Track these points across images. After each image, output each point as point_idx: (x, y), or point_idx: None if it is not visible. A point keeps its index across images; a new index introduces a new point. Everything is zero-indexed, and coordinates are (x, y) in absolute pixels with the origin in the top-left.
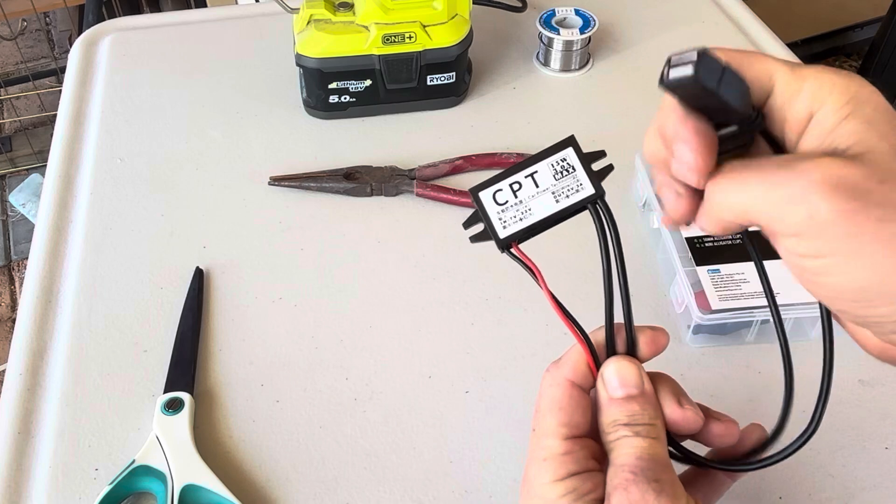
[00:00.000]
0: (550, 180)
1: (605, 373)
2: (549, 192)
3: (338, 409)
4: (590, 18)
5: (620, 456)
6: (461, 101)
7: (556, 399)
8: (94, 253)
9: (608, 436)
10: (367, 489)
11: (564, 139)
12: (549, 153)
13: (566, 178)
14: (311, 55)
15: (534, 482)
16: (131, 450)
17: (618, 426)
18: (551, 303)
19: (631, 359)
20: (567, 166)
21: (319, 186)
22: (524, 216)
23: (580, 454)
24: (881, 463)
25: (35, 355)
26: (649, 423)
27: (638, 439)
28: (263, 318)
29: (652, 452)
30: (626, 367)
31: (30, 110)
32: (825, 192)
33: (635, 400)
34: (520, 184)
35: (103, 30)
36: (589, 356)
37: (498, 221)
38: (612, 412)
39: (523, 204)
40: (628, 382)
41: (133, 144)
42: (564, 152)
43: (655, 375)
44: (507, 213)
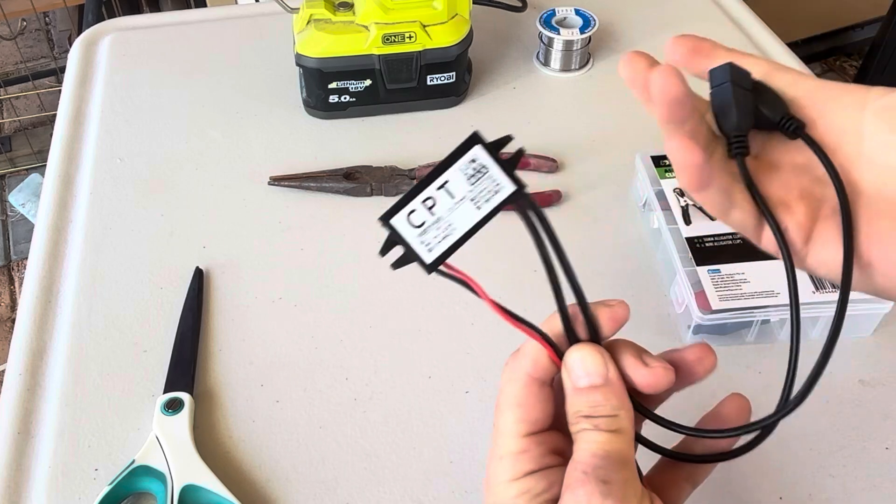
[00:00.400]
0: (466, 187)
1: (569, 361)
2: (468, 199)
3: (338, 409)
4: (590, 18)
5: (578, 451)
6: (461, 101)
7: (514, 395)
8: (93, 253)
9: (572, 427)
10: (366, 489)
11: (467, 138)
12: (455, 157)
13: (482, 180)
14: (311, 55)
15: (492, 480)
16: (131, 450)
17: (580, 418)
18: (494, 310)
19: (594, 345)
20: (479, 167)
21: (319, 186)
22: (447, 233)
23: (537, 451)
24: (881, 463)
25: (35, 355)
26: (610, 415)
27: (596, 433)
28: (263, 318)
29: (609, 448)
30: (589, 354)
31: (29, 110)
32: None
33: (598, 389)
34: (433, 199)
35: (103, 30)
36: (549, 349)
37: (420, 246)
38: (575, 402)
39: (443, 220)
40: (591, 371)
41: (133, 144)
42: (472, 152)
43: (614, 344)
44: (427, 234)
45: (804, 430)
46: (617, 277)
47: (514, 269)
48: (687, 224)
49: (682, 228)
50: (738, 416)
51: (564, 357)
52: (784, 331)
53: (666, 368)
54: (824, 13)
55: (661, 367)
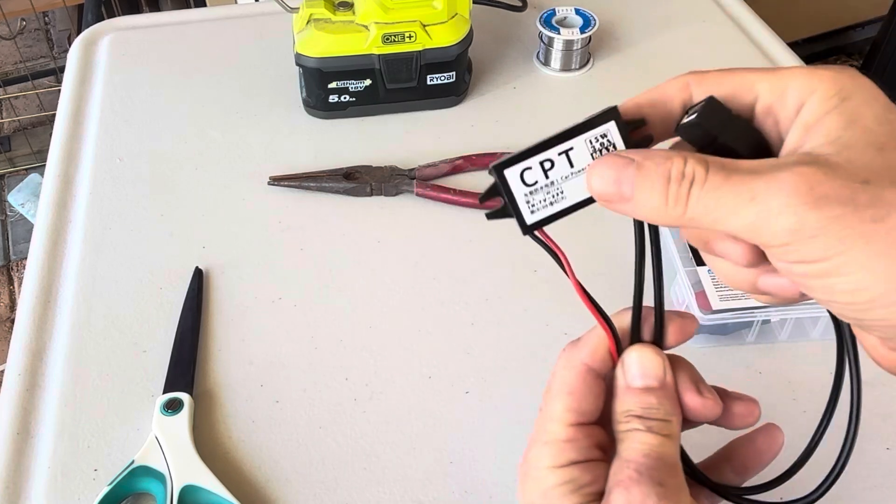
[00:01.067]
0: (587, 159)
1: (627, 359)
2: (586, 173)
3: (337, 409)
4: (590, 18)
5: (628, 450)
6: (461, 101)
7: (568, 382)
8: (93, 253)
9: (619, 425)
10: (366, 490)
11: (606, 110)
12: (587, 127)
13: None
14: (311, 55)
15: (532, 464)
16: (130, 450)
17: (630, 417)
18: (577, 289)
19: (655, 348)
20: (607, 144)
21: (319, 186)
22: (556, 200)
23: (584, 443)
24: (882, 464)
25: (34, 355)
26: (664, 419)
27: (649, 435)
28: (263, 319)
29: (661, 451)
30: (650, 356)
31: (29, 110)
32: (809, 202)
33: (653, 392)
34: (552, 162)
35: (102, 29)
36: (611, 340)
37: (525, 205)
38: (627, 401)
39: (555, 186)
40: (649, 373)
41: (132, 144)
42: (605, 127)
43: (674, 360)
44: (536, 195)
45: (804, 431)
46: (617, 277)
47: (514, 270)
48: None
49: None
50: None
51: (623, 354)
52: (784, 330)
53: (717, 403)
54: (825, 13)
55: (713, 400)
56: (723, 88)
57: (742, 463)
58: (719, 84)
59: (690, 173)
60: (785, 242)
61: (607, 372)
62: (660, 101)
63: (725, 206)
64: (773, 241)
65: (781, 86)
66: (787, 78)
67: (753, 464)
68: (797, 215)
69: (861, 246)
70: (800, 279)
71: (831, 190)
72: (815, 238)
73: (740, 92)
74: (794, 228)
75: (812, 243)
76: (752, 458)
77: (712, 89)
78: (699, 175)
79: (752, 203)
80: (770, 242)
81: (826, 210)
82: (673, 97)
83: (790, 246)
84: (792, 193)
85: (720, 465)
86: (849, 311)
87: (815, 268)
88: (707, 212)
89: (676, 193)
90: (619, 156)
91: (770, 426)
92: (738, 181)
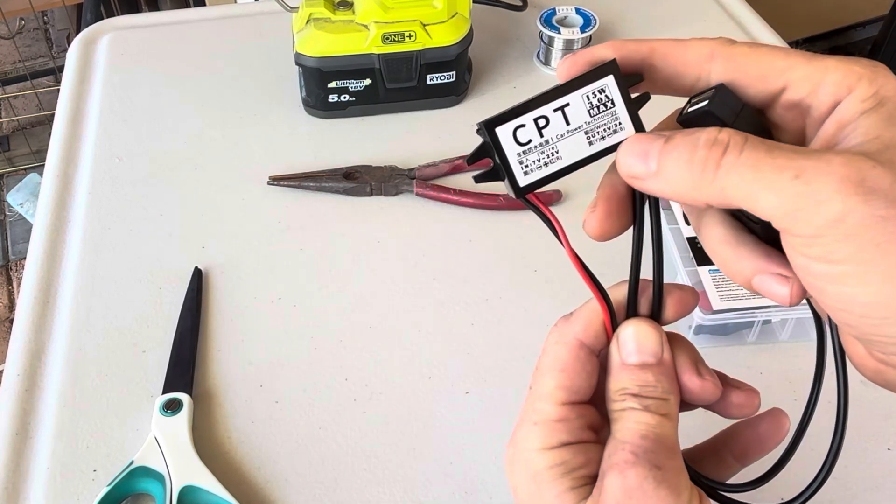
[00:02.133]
0: (584, 116)
1: (622, 334)
2: (583, 131)
3: (337, 409)
4: (590, 17)
5: (623, 430)
6: (461, 101)
7: (560, 358)
8: (92, 253)
9: (614, 404)
10: (366, 490)
11: (605, 64)
12: (584, 81)
13: (603, 115)
14: (311, 54)
15: (521, 445)
16: (130, 451)
17: (626, 395)
18: (570, 256)
19: (653, 322)
20: (605, 100)
21: (319, 186)
22: (550, 160)
23: (576, 423)
24: (883, 464)
25: (33, 356)
26: (661, 398)
27: (646, 414)
28: (262, 319)
29: (659, 432)
30: (646, 331)
31: (28, 109)
32: (860, 194)
33: (650, 369)
34: (547, 119)
35: (102, 29)
36: (606, 314)
37: (518, 166)
38: (622, 379)
39: (550, 145)
40: (646, 349)
41: (131, 144)
42: (603, 81)
43: (673, 338)
44: (529, 155)
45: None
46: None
47: (514, 270)
48: (688, 224)
49: (682, 228)
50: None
51: (618, 328)
52: (785, 331)
53: (716, 386)
54: (826, 12)
55: (712, 382)
56: (749, 69)
57: (743, 448)
58: (747, 63)
59: (725, 140)
60: (816, 234)
61: (601, 348)
62: (674, 61)
63: (763, 179)
64: (803, 230)
65: (817, 79)
66: (824, 71)
67: (755, 450)
68: (844, 204)
69: (893, 256)
70: (814, 279)
71: (881, 184)
72: (851, 237)
73: (768, 76)
74: (835, 219)
75: (846, 242)
76: (754, 444)
77: (738, 67)
78: (735, 143)
79: (794, 181)
80: (800, 230)
81: (875, 206)
82: (690, 63)
83: (821, 239)
84: (844, 179)
85: (719, 449)
86: (856, 322)
87: (837, 270)
88: (740, 183)
89: (705, 159)
90: (651, 133)
91: (776, 411)
92: (782, 155)
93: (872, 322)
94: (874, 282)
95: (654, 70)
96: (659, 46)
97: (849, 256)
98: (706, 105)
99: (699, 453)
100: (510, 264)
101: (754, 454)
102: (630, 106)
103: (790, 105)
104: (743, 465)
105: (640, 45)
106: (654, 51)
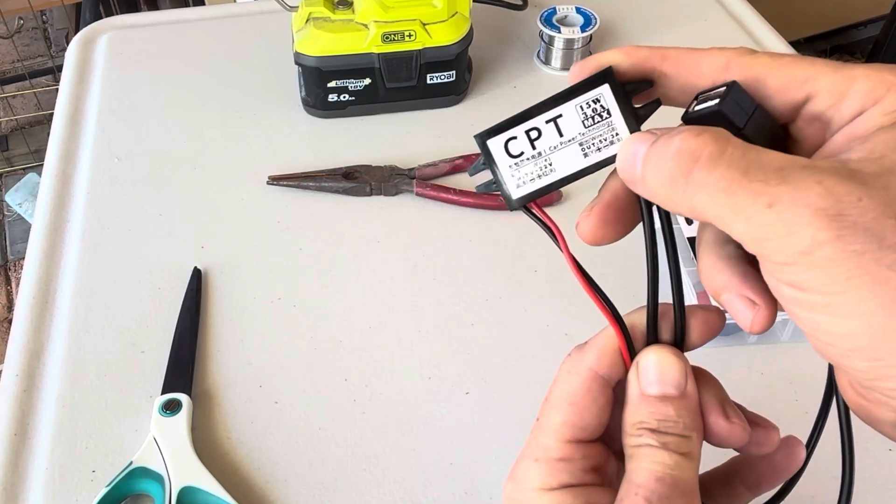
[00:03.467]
0: (578, 128)
1: (642, 362)
2: (577, 143)
3: (337, 410)
4: (591, 16)
5: (638, 471)
6: (461, 100)
7: (570, 391)
8: (91, 253)
9: (629, 439)
10: (366, 491)
11: (600, 73)
12: (579, 91)
13: (598, 126)
14: (310, 53)
15: (520, 484)
16: (129, 451)
17: (644, 430)
18: (574, 271)
19: (676, 351)
20: (600, 110)
21: (318, 186)
22: (543, 173)
23: (580, 464)
24: (885, 465)
25: (32, 356)
26: (682, 435)
27: (663, 453)
28: (262, 319)
29: (676, 475)
30: (669, 360)
31: (26, 109)
32: (833, 229)
33: (671, 402)
34: (539, 131)
35: (100, 28)
36: (621, 338)
37: (510, 178)
38: (640, 411)
39: (542, 157)
40: (668, 379)
41: (130, 143)
42: (598, 91)
43: (699, 374)
44: (522, 168)
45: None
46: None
47: (514, 270)
48: (689, 224)
49: (683, 228)
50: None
51: (638, 356)
52: (786, 331)
53: (745, 430)
54: (827, 11)
55: (741, 426)
56: (770, 79)
57: (756, 479)
58: (766, 73)
59: (697, 151)
60: (788, 262)
61: (618, 379)
62: (687, 71)
63: (733, 205)
64: (774, 257)
65: (842, 88)
66: (850, 80)
67: (769, 480)
68: (814, 239)
69: (865, 292)
70: (786, 303)
71: (860, 218)
72: (821, 268)
73: (790, 87)
74: (804, 251)
75: (816, 272)
76: (768, 474)
77: (757, 77)
78: (709, 155)
79: (766, 211)
80: (771, 257)
81: (848, 242)
82: (705, 73)
83: (792, 267)
84: (819, 212)
85: (731, 478)
86: (826, 350)
87: (806, 298)
88: (709, 204)
89: (673, 171)
90: (644, 132)
91: (790, 440)
92: (759, 177)
93: (838, 352)
94: (842, 314)
95: (665, 78)
96: (672, 54)
97: (818, 287)
98: (716, 105)
99: (709, 482)
100: (510, 264)
101: (767, 485)
102: (629, 115)
103: (811, 118)
104: (755, 496)
105: (652, 52)
106: (667, 58)
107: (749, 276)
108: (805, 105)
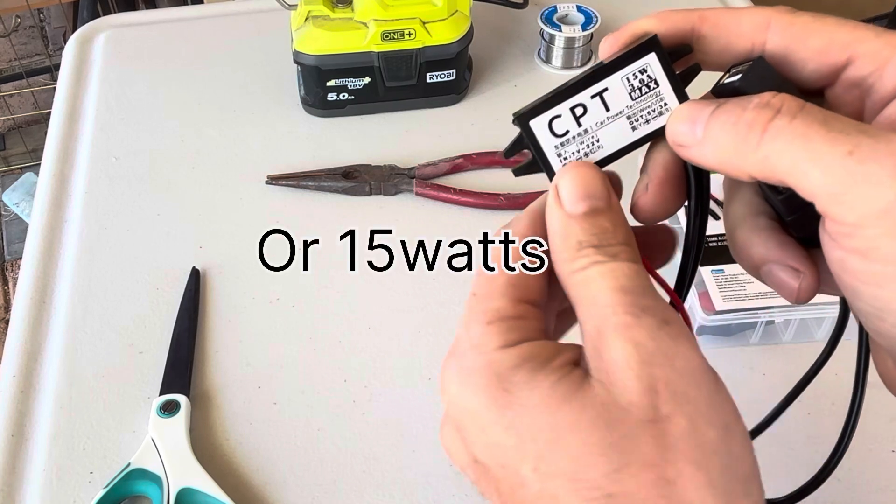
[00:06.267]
0: (626, 100)
1: (560, 184)
2: (624, 116)
3: (336, 411)
4: (592, 15)
5: (594, 294)
6: (461, 99)
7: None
8: (88, 253)
9: (571, 264)
10: (366, 492)
11: (645, 42)
12: (624, 62)
13: (646, 97)
14: (309, 52)
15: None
16: (126, 453)
17: (587, 249)
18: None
19: (591, 164)
20: (647, 80)
21: (317, 185)
22: (591, 150)
23: (534, 324)
24: (888, 466)
25: (29, 357)
26: (625, 244)
27: (617, 263)
28: (261, 319)
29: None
30: (586, 173)
31: (23, 108)
32: None
33: (603, 214)
34: (584, 107)
35: (98, 26)
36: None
37: (556, 158)
38: (573, 232)
39: (589, 134)
40: (595, 192)
41: (128, 143)
42: (644, 60)
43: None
44: (567, 147)
45: (809, 433)
46: None
47: None
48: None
49: (683, 228)
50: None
51: (553, 180)
52: (789, 331)
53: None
54: (829, 10)
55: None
56: (810, 40)
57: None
58: (807, 34)
59: (777, 104)
60: (860, 223)
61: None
62: (727, 31)
63: (811, 150)
64: (847, 216)
65: (885, 55)
66: (894, 47)
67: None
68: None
69: None
70: (849, 278)
71: None
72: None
73: (830, 49)
74: (884, 208)
75: (891, 238)
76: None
77: (797, 37)
78: (788, 107)
79: (846, 158)
80: (843, 216)
81: None
82: (745, 32)
83: (864, 230)
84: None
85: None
86: (888, 332)
87: (876, 269)
88: (785, 151)
89: (752, 121)
90: (702, 100)
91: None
92: (839, 128)
93: None
94: None
95: (703, 41)
96: (710, 15)
97: (892, 255)
98: (738, 80)
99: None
100: None
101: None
102: (676, 84)
103: (851, 83)
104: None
105: (689, 15)
106: (705, 19)
107: (787, 244)
108: (845, 69)
